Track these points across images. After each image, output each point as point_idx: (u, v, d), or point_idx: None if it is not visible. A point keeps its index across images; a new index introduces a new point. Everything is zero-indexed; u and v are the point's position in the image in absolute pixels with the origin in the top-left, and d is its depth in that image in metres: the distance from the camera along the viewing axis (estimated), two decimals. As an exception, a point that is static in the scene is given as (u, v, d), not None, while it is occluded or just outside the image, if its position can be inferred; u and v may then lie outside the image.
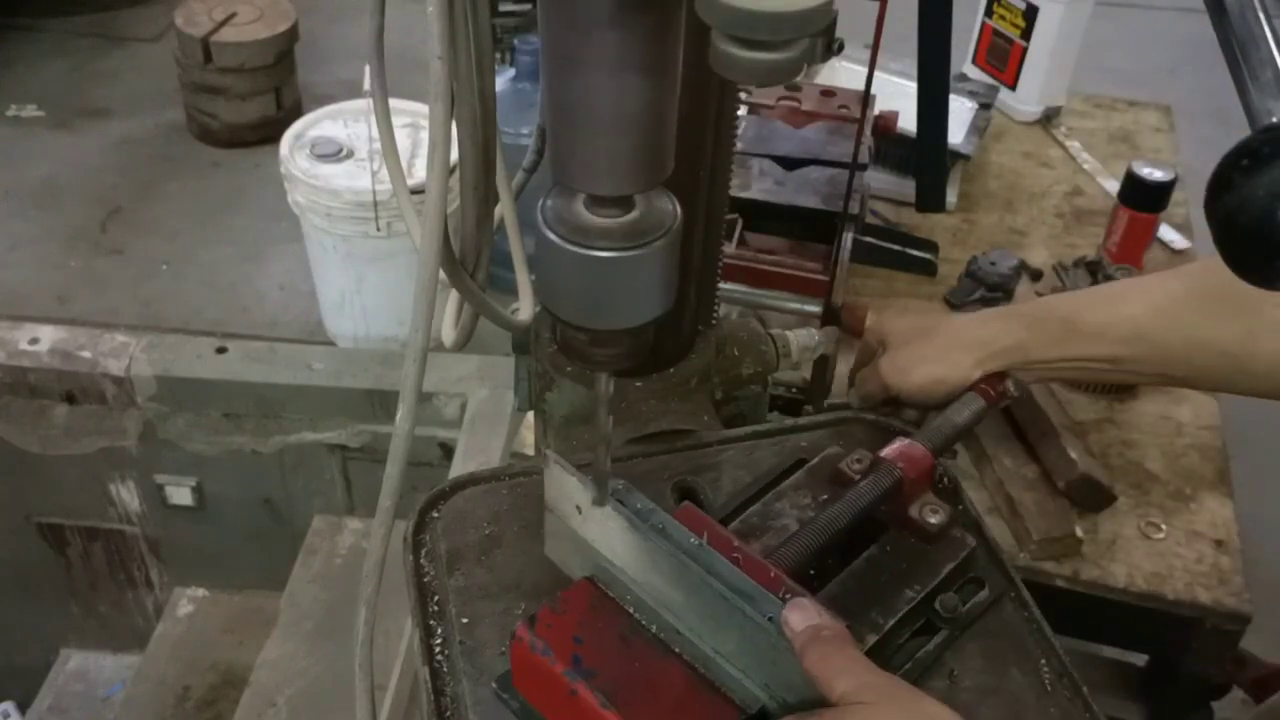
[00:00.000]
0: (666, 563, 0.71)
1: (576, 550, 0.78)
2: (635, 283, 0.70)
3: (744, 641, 0.68)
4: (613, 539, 0.75)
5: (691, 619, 0.71)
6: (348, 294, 3.00)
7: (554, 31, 0.63)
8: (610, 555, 0.75)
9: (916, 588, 0.80)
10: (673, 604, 0.72)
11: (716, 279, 1.00)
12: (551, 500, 0.79)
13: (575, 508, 0.76)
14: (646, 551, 0.72)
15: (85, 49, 4.61)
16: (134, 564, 2.78)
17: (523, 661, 0.72)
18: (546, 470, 0.77)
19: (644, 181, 0.68)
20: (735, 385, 1.04)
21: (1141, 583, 1.34)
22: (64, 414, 2.49)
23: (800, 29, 0.53)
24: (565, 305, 0.72)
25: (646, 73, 0.63)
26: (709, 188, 0.91)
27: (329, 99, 3.27)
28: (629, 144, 0.65)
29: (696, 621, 0.70)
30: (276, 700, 2.19)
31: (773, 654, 0.66)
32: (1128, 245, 1.79)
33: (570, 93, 0.64)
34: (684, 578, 0.70)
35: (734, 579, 0.68)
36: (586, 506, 0.75)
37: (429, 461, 2.39)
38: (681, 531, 0.72)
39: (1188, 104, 2.58)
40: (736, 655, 0.69)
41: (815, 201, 1.57)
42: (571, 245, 0.68)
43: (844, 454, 0.87)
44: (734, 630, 0.68)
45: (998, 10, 2.19)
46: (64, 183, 3.90)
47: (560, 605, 0.73)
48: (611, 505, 0.73)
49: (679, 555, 0.70)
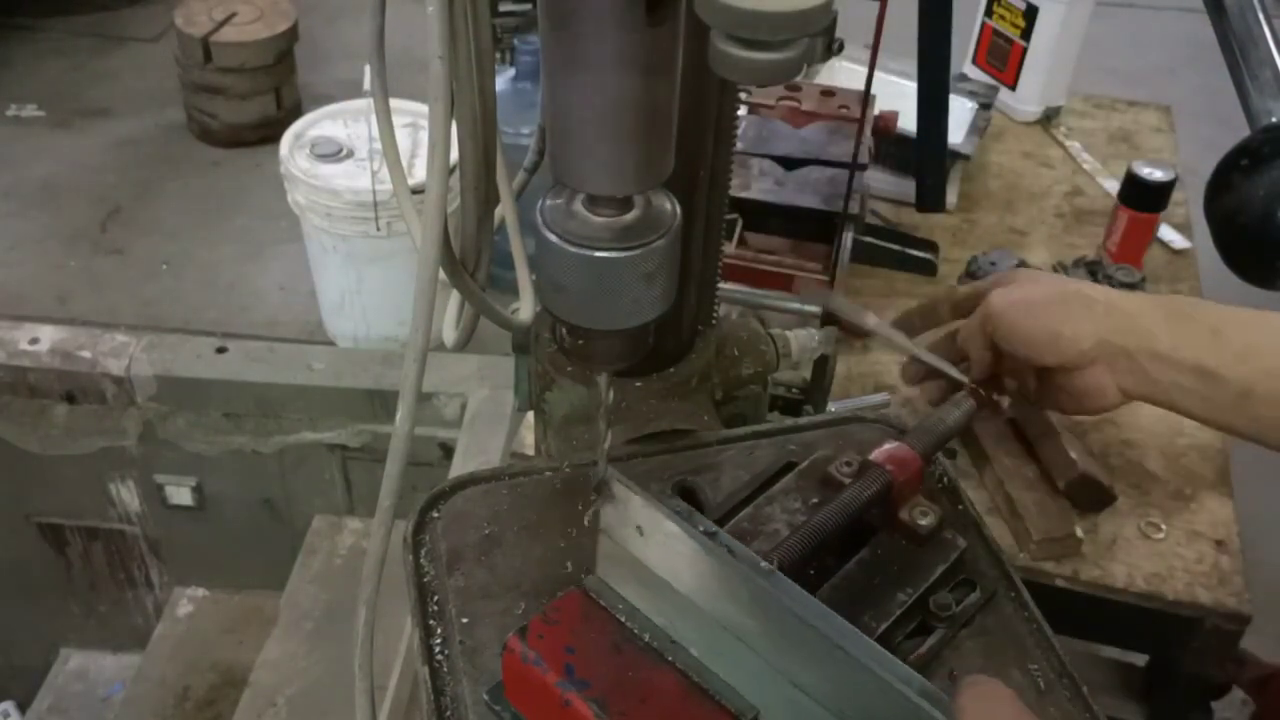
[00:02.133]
0: (744, 590, 0.66)
1: (634, 575, 0.73)
2: (635, 283, 0.70)
3: (833, 676, 0.64)
4: (678, 563, 0.70)
5: (768, 647, 0.67)
6: (348, 294, 3.00)
7: (553, 31, 0.63)
8: (675, 580, 0.70)
9: (909, 590, 0.80)
10: (745, 630, 0.67)
11: (716, 279, 1.00)
12: (609, 522, 0.73)
13: (636, 529, 0.71)
14: (719, 578, 0.67)
15: (85, 49, 4.61)
16: (134, 564, 2.78)
17: (515, 673, 0.71)
18: (606, 489, 0.72)
19: (644, 181, 0.68)
20: (735, 385, 1.04)
21: (1141, 583, 1.34)
22: (64, 414, 2.49)
23: (800, 29, 0.53)
24: (564, 306, 0.72)
25: (646, 72, 0.63)
26: (709, 188, 0.91)
27: (329, 99, 3.27)
28: (629, 144, 0.65)
29: (775, 650, 0.66)
30: (276, 700, 2.19)
31: (864, 692, 0.63)
32: (1128, 245, 1.79)
33: (570, 92, 0.64)
34: (763, 607, 0.66)
35: (826, 619, 0.64)
36: (649, 527, 0.70)
37: (429, 461, 2.39)
38: (749, 556, 0.68)
39: (1188, 104, 2.58)
40: (816, 685, 0.65)
41: (815, 201, 1.57)
42: (571, 245, 0.68)
43: (833, 457, 0.87)
44: (821, 664, 0.64)
45: (998, 10, 2.19)
46: (64, 182, 3.90)
47: (551, 615, 0.72)
48: (679, 526, 0.69)
49: (755, 581, 0.66)
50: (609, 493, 0.72)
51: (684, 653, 0.71)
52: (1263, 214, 0.50)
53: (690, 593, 0.70)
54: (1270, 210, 0.50)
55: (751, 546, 0.81)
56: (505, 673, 0.73)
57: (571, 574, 0.83)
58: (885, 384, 1.60)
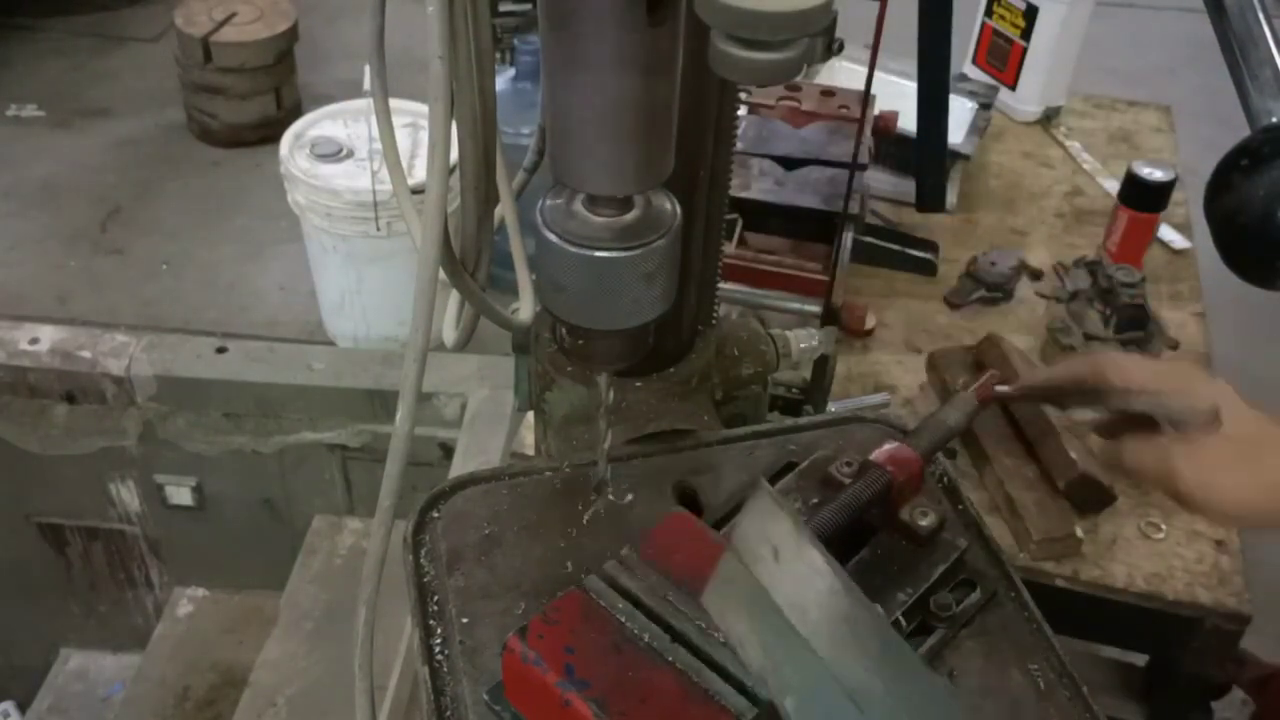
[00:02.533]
0: (875, 644, 0.61)
1: (749, 603, 0.65)
2: (635, 283, 0.70)
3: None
4: (809, 598, 0.62)
5: (882, 713, 0.60)
6: (348, 294, 2.99)
7: (553, 31, 0.63)
8: (798, 617, 0.62)
9: (909, 590, 0.80)
10: (862, 689, 0.60)
11: (716, 279, 1.00)
12: (742, 538, 0.64)
13: (772, 550, 0.63)
14: (852, 624, 0.61)
15: (85, 49, 4.61)
16: (134, 564, 2.78)
17: (515, 673, 0.71)
18: (750, 501, 0.65)
19: (644, 181, 0.68)
20: (735, 385, 1.04)
21: (1141, 583, 1.34)
22: (64, 414, 2.49)
23: (799, 29, 0.53)
24: (564, 306, 0.72)
25: (646, 72, 0.63)
26: (709, 188, 0.91)
27: (329, 99, 3.27)
28: (629, 144, 0.65)
29: (889, 717, 0.60)
30: (276, 700, 2.19)
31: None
32: (1127, 245, 1.79)
33: (570, 92, 0.64)
34: (894, 669, 0.60)
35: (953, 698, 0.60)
36: (789, 553, 0.63)
37: (429, 461, 2.39)
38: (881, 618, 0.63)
39: (1188, 104, 2.58)
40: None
41: (815, 201, 1.57)
42: (571, 245, 0.68)
43: (833, 457, 0.87)
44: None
45: (998, 10, 2.19)
46: (64, 182, 3.90)
47: (551, 615, 0.72)
48: (823, 558, 0.62)
49: (893, 638, 0.61)
50: (753, 506, 0.64)
51: (683, 653, 0.70)
52: (1263, 214, 0.50)
53: (811, 634, 0.62)
54: (1270, 210, 0.50)
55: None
56: (505, 673, 0.73)
57: (571, 574, 0.83)
58: (885, 384, 1.60)
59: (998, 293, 1.78)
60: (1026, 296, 1.79)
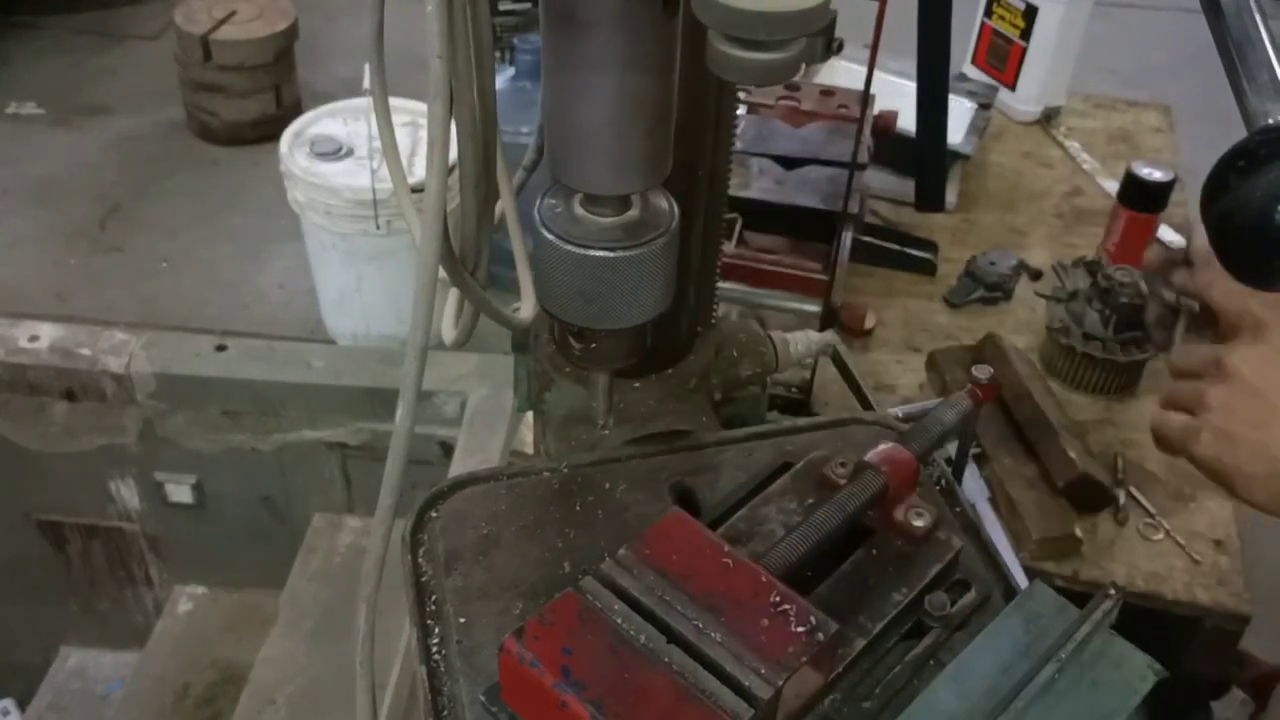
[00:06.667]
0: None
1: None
2: (633, 283, 0.70)
3: None
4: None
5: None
6: (347, 292, 3.00)
7: (553, 31, 0.63)
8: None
9: (904, 590, 0.80)
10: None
11: (715, 279, 1.00)
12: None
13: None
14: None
15: (85, 46, 4.61)
16: (133, 561, 2.78)
17: (512, 674, 0.71)
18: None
19: (642, 181, 0.68)
20: (734, 386, 1.04)
21: (1141, 583, 1.34)
22: (63, 411, 2.49)
23: (798, 29, 0.53)
24: (563, 305, 0.72)
25: (644, 72, 0.63)
26: (708, 187, 0.91)
27: (329, 97, 3.27)
28: (627, 143, 0.65)
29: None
30: (276, 698, 2.19)
31: None
32: (1127, 245, 1.79)
33: (568, 92, 0.64)
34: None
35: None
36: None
37: (429, 460, 2.39)
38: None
39: (1188, 104, 2.58)
40: None
41: (815, 201, 1.57)
42: (569, 245, 0.68)
43: (829, 457, 0.87)
44: None
45: (997, 10, 2.19)
46: (63, 180, 3.90)
47: (548, 616, 0.72)
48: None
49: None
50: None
51: (679, 654, 0.71)
52: (1260, 215, 0.50)
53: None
54: (1268, 211, 0.50)
55: (747, 548, 0.81)
56: (502, 673, 0.73)
57: (569, 574, 0.83)
58: (885, 384, 1.60)
59: (997, 292, 1.78)
60: (1026, 296, 1.79)
